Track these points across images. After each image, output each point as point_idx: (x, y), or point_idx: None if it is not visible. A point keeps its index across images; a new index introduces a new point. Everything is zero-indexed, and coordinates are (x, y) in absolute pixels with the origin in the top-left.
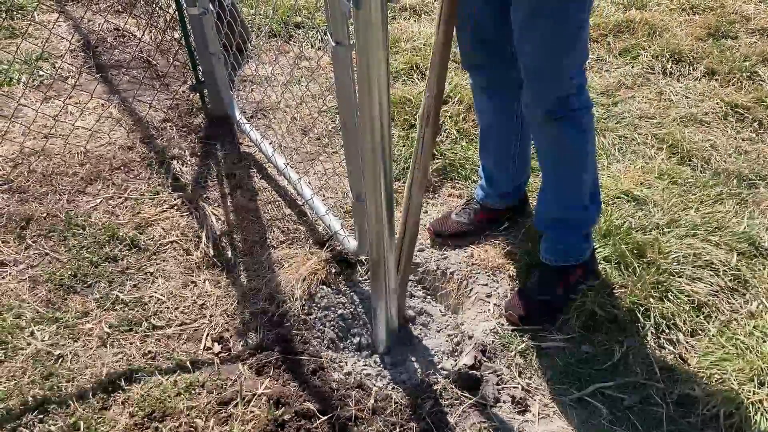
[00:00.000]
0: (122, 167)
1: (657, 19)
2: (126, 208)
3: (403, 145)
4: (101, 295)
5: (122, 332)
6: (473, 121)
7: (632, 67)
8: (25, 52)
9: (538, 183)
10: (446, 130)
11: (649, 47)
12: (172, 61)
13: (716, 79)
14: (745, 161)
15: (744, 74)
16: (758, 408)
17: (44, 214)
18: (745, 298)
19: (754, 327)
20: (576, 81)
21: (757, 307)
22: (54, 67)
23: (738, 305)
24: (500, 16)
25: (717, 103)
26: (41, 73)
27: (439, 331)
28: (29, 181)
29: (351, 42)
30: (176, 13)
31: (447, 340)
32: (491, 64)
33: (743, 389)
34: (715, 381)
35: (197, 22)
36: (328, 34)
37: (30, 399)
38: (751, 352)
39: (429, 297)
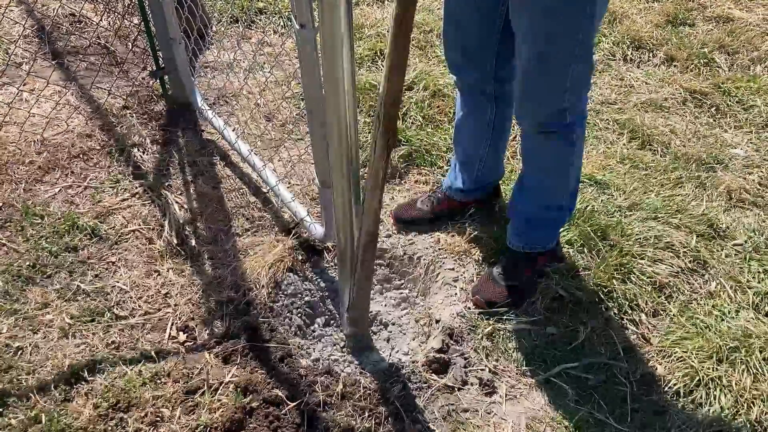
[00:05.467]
0: (81, 155)
1: (617, 6)
2: (86, 197)
3: (369, 132)
4: (61, 285)
5: (84, 323)
6: (438, 107)
7: (593, 53)
8: None
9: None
10: (411, 116)
11: (610, 34)
12: (131, 47)
13: (675, 66)
14: (703, 146)
15: (701, 61)
16: (717, 384)
17: (0, 204)
18: (704, 279)
19: (712, 306)
20: (571, 96)
21: (716, 287)
22: (7, 53)
23: (697, 285)
24: (487, 26)
25: (676, 89)
26: None
27: (406, 316)
28: None
29: (315, 25)
30: None
31: (415, 324)
32: (469, 71)
33: (703, 366)
34: (676, 359)
35: (157, 6)
36: (292, 17)
37: None
38: (710, 330)
39: (397, 281)
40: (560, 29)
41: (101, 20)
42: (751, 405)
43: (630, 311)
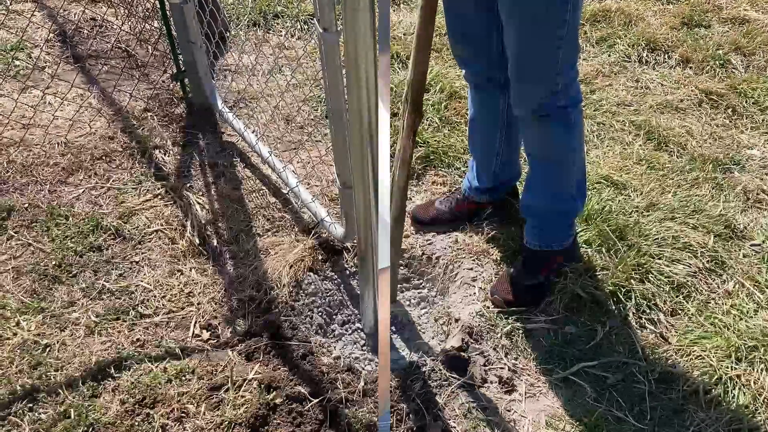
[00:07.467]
0: (104, 157)
1: (632, 8)
2: (109, 197)
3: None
4: (87, 284)
5: (109, 321)
6: (455, 109)
7: (609, 55)
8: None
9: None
10: (428, 118)
11: (625, 36)
12: (152, 50)
13: (690, 67)
14: (719, 146)
15: (717, 62)
16: (736, 383)
17: (26, 205)
18: (722, 279)
19: (731, 306)
20: (562, 79)
21: (734, 287)
22: (30, 57)
23: (715, 285)
24: (485, 13)
25: (692, 90)
26: (17, 63)
27: (426, 315)
28: (9, 172)
29: (338, 29)
30: (156, 2)
31: (434, 323)
32: (475, 60)
33: (721, 365)
34: (695, 358)
35: (178, 11)
36: (315, 21)
37: (18, 388)
38: (728, 329)
39: (415, 281)
40: (544, 8)
41: (122, 24)
42: None
43: (648, 310)
